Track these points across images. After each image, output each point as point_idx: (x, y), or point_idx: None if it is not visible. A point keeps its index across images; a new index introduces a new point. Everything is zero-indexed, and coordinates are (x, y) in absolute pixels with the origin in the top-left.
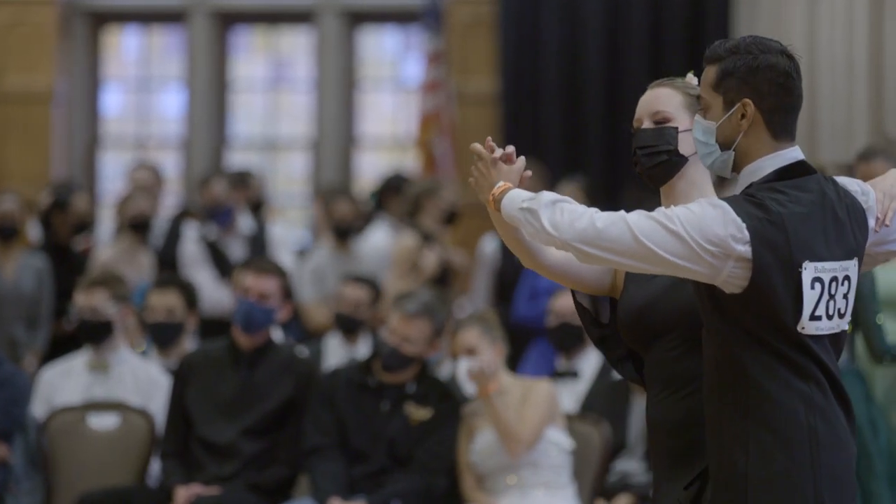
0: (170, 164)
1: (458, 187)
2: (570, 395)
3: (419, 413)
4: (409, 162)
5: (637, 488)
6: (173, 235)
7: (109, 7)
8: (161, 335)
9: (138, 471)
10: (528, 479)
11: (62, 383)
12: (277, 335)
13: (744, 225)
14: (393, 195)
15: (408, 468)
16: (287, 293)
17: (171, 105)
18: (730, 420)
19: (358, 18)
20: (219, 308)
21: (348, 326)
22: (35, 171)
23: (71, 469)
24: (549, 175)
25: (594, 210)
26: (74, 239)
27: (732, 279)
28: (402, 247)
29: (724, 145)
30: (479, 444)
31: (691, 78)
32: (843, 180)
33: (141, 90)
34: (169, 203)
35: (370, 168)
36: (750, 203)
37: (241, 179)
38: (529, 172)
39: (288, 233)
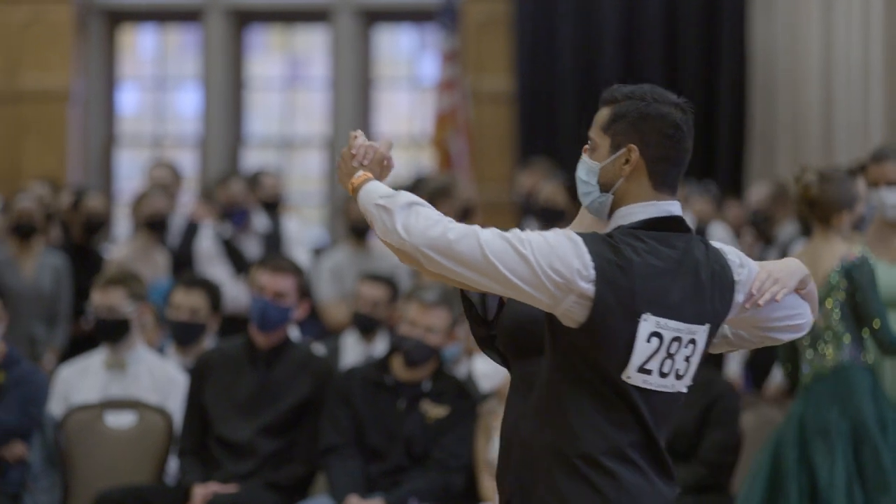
0: (186, 162)
1: (474, 185)
2: None
3: (435, 411)
4: (425, 160)
5: None
6: (190, 234)
7: (125, 6)
8: (183, 335)
9: (156, 469)
10: None
11: (79, 381)
12: (294, 333)
13: (592, 263)
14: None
15: (424, 466)
16: (303, 291)
17: (187, 104)
18: (539, 445)
19: (373, 17)
20: (234, 305)
21: (366, 325)
22: (51, 170)
23: (88, 467)
24: (568, 173)
25: (450, 220)
26: (92, 238)
27: (571, 313)
28: None
29: (605, 187)
30: (497, 442)
31: None
32: (722, 247)
33: (157, 89)
34: (185, 201)
35: None
36: (605, 244)
37: (255, 179)
38: (394, 164)
39: (303, 229)
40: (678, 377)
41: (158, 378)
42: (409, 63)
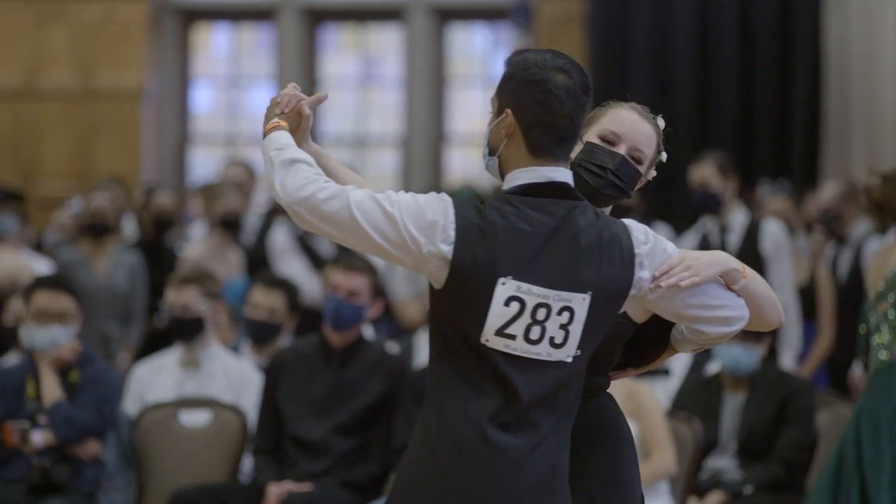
0: (260, 161)
1: None
2: (662, 393)
3: None
4: None
5: (729, 486)
6: (264, 232)
7: (199, 4)
8: (260, 334)
9: (230, 468)
10: None
11: (154, 380)
12: (368, 332)
13: (454, 225)
14: None
15: None
16: (377, 290)
17: (261, 102)
18: (419, 416)
19: (447, 16)
20: (310, 297)
21: None
22: (124, 169)
23: (163, 466)
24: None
25: (327, 180)
26: (162, 235)
27: (436, 275)
28: None
29: (492, 150)
30: None
31: (661, 121)
32: (628, 222)
33: (231, 87)
34: (260, 200)
35: (459, 165)
36: (473, 208)
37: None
38: (307, 111)
39: None
40: (554, 345)
41: (233, 376)
42: (483, 61)
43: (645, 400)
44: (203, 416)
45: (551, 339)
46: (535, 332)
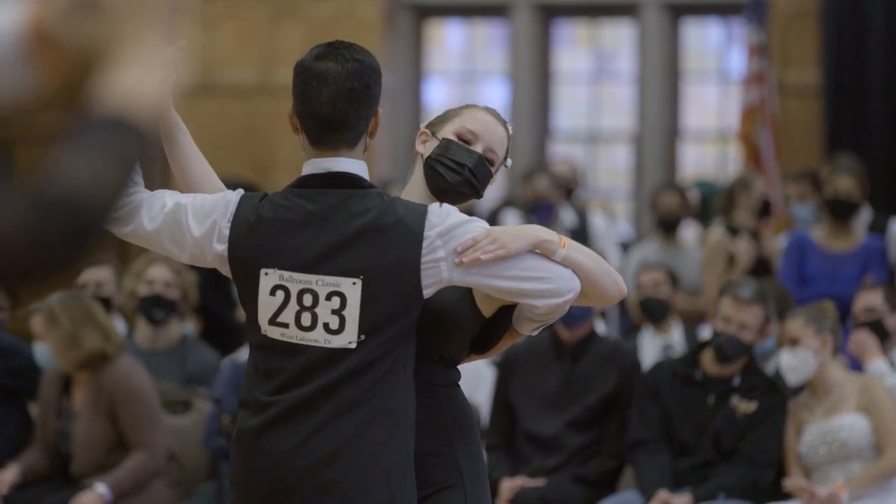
0: None
1: (778, 179)
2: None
3: (745, 406)
4: (732, 154)
5: None
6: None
7: (432, 1)
8: None
9: None
10: (857, 473)
11: None
12: (600, 327)
13: (229, 225)
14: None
15: (733, 462)
16: None
17: (494, 98)
18: None
19: (681, 11)
20: None
21: (653, 309)
22: None
23: None
24: (872, 173)
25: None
26: None
27: (227, 273)
28: (711, 241)
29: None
30: (808, 437)
31: (510, 127)
32: (431, 207)
33: (465, 83)
34: (491, 195)
35: (693, 161)
36: (254, 205)
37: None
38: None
39: (610, 224)
40: (331, 331)
41: (467, 370)
42: (717, 57)
43: (879, 395)
44: None
45: (325, 324)
46: (306, 319)
